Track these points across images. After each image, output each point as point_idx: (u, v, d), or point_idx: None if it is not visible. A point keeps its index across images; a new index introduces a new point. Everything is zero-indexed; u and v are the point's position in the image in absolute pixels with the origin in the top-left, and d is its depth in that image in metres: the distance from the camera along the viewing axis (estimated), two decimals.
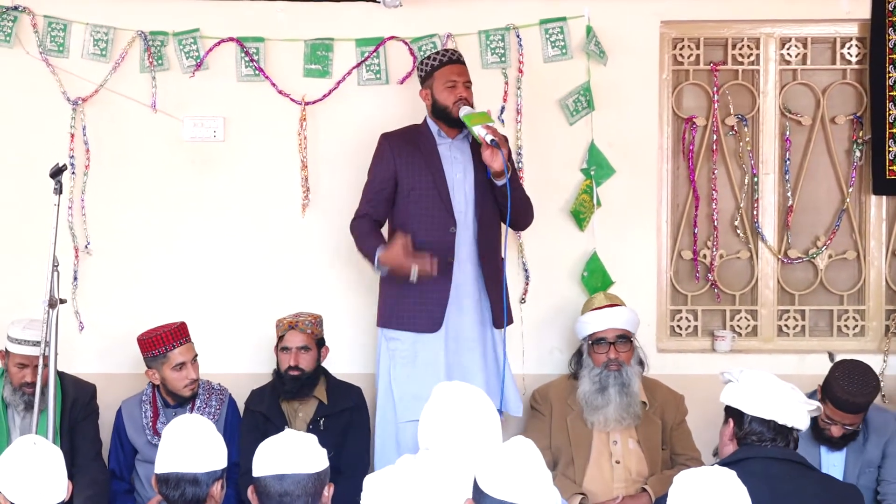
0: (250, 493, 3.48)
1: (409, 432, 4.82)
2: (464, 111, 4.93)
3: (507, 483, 3.02)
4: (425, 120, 5.16)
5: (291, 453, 3.42)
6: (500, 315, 5.08)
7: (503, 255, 5.12)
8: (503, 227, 5.09)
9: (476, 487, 3.08)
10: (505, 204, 4.90)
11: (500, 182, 4.89)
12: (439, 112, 5.04)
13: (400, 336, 5.02)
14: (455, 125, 5.04)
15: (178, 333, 5.15)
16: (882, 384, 5.60)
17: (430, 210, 5.01)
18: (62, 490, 3.46)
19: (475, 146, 4.98)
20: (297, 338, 5.17)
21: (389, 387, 5.04)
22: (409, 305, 4.98)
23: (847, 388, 4.71)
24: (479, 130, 4.85)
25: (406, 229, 4.97)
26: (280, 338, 5.22)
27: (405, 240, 4.81)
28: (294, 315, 5.25)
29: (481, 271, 5.04)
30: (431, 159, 5.04)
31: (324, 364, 5.31)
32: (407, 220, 5.04)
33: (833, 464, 4.92)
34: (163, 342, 5.12)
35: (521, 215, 5.12)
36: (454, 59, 5.06)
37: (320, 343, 5.26)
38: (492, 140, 4.79)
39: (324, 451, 3.51)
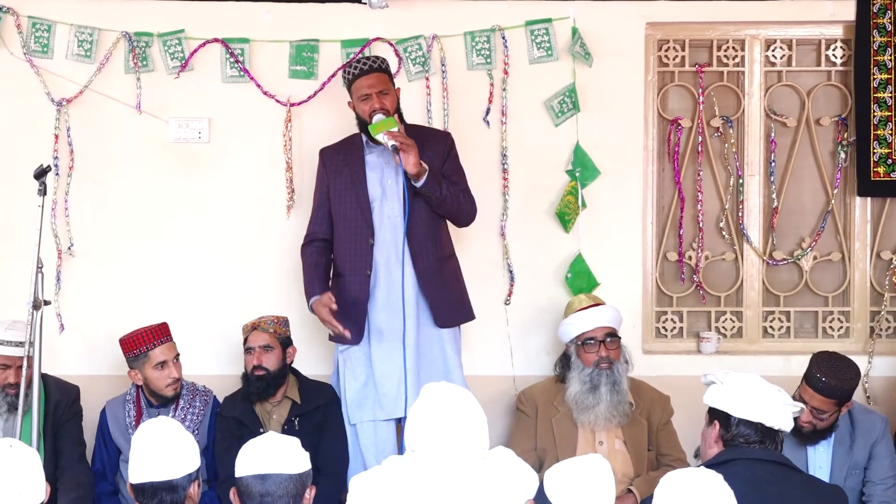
0: (232, 494, 3.47)
1: (364, 433, 5.09)
2: (376, 119, 4.95)
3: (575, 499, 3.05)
4: None
5: (274, 454, 3.42)
6: (442, 315, 5.10)
7: (449, 253, 5.18)
8: (447, 227, 5.17)
9: (541, 493, 3.10)
10: (433, 203, 4.98)
11: (417, 183, 4.91)
12: (361, 124, 5.07)
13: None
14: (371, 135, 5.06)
15: (158, 332, 5.14)
16: (867, 385, 5.64)
17: (353, 223, 5.09)
18: (40, 492, 3.44)
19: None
20: (260, 337, 5.18)
21: (344, 390, 5.17)
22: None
23: (824, 368, 4.72)
24: (381, 138, 4.88)
25: (335, 242, 5.15)
26: (245, 340, 5.24)
27: (331, 304, 4.94)
28: (259, 317, 5.26)
29: (415, 273, 5.05)
30: (356, 173, 5.11)
31: (296, 365, 5.33)
32: (336, 234, 5.16)
33: (819, 465, 4.92)
34: (143, 341, 5.12)
35: (453, 213, 5.12)
36: (366, 70, 5.03)
37: (285, 343, 5.25)
38: (392, 145, 4.83)
39: (306, 454, 3.50)
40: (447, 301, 5.12)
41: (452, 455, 3.29)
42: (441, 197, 4.96)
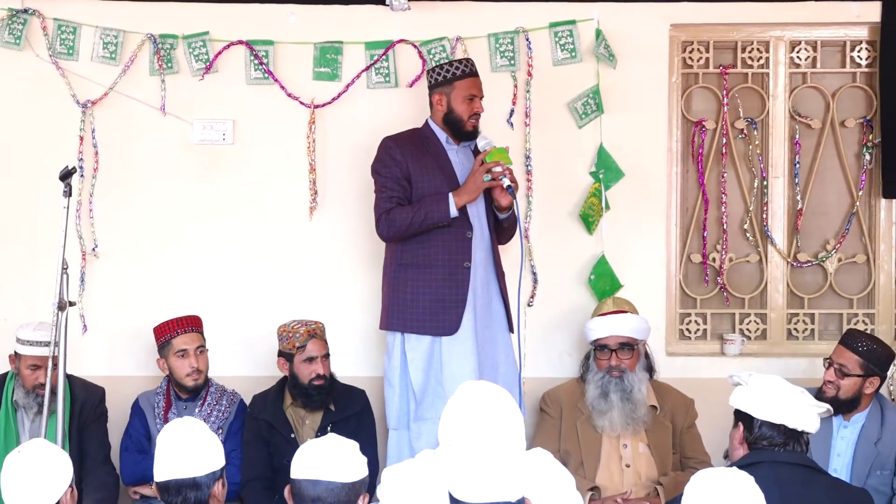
0: (287, 492, 3.46)
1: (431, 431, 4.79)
2: (483, 141, 5.01)
3: (475, 486, 2.99)
4: (427, 123, 5.17)
5: (330, 460, 3.36)
6: (510, 319, 5.17)
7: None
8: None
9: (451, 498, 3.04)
10: (503, 227, 5.11)
11: (503, 216, 5.01)
12: (452, 121, 5.05)
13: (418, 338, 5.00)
14: (462, 137, 5.07)
15: (184, 322, 5.22)
16: (892, 388, 5.61)
17: None
18: (61, 491, 3.46)
19: (479, 152, 5.05)
20: (319, 345, 5.12)
21: (409, 387, 5.02)
22: (426, 308, 4.97)
23: (863, 332, 5.03)
24: (498, 170, 4.90)
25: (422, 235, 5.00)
26: (300, 347, 5.10)
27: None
28: (301, 323, 5.19)
29: (496, 276, 5.08)
30: (443, 163, 5.05)
31: None
32: None
33: (839, 453, 4.93)
34: (169, 329, 5.22)
35: (510, 233, 5.24)
36: (474, 72, 5.07)
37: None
38: (508, 187, 4.88)
39: (364, 460, 3.45)
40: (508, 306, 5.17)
41: (486, 452, 3.28)
42: (513, 220, 5.07)
